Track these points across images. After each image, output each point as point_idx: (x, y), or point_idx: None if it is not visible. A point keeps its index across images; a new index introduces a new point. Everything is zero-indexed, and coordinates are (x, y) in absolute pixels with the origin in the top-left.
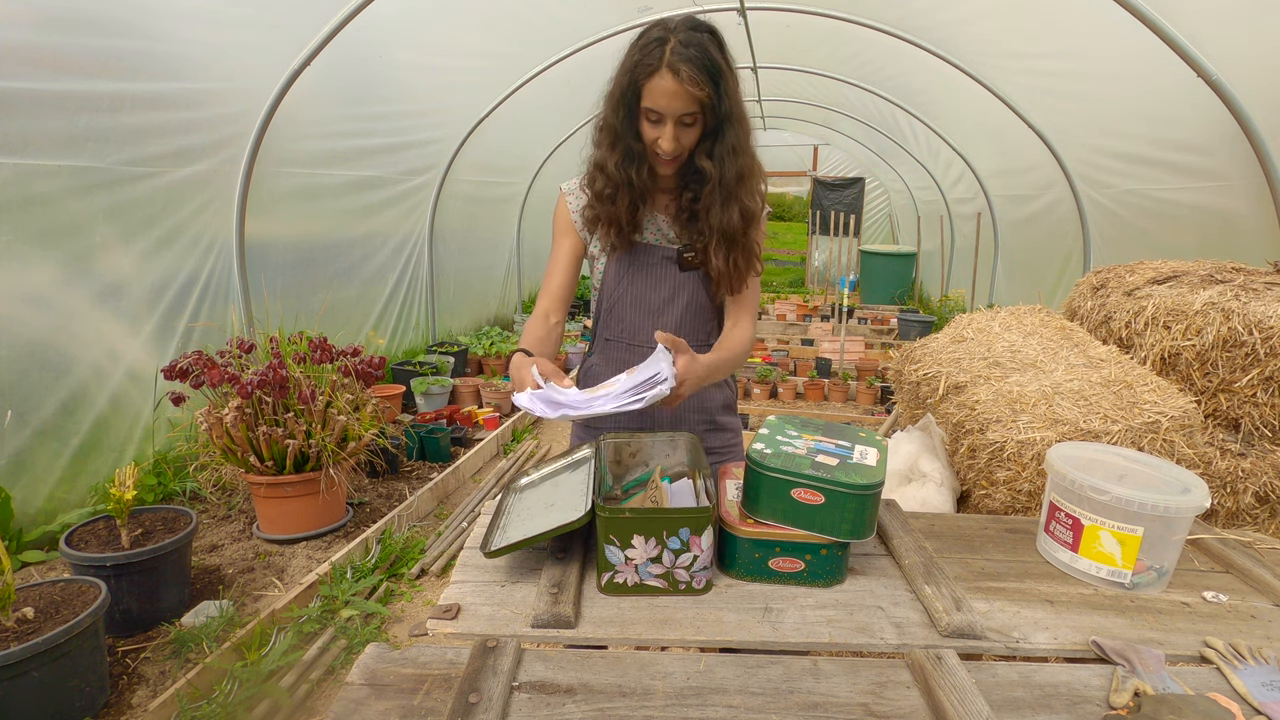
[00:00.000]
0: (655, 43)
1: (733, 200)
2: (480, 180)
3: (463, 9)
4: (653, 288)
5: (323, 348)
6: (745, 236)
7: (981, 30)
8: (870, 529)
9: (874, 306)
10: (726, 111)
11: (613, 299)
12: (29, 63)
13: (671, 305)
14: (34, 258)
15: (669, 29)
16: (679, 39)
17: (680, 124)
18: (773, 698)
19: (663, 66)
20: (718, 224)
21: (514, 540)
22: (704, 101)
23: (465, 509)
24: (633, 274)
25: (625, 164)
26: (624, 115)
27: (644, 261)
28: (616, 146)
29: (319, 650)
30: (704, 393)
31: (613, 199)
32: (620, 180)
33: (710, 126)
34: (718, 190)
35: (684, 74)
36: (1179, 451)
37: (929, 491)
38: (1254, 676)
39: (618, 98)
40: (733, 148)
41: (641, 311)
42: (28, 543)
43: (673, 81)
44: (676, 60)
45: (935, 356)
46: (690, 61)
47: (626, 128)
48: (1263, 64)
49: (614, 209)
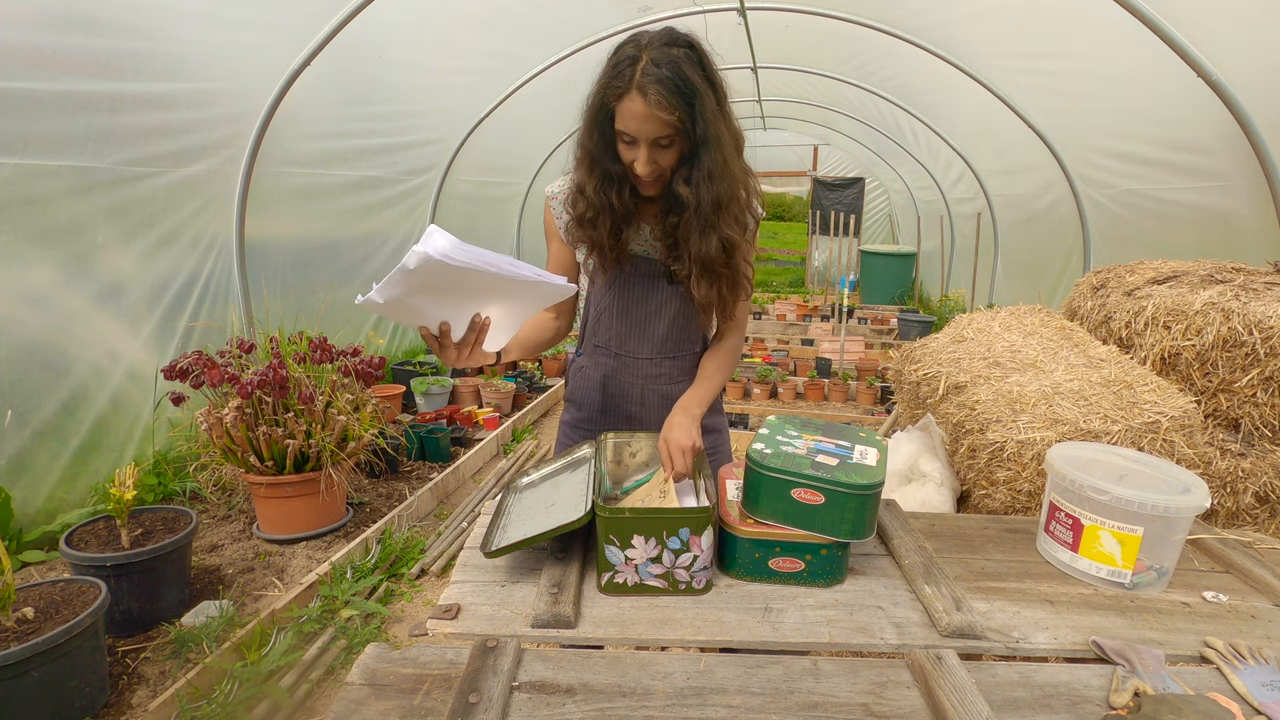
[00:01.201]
0: (627, 61)
1: (711, 230)
2: (480, 180)
3: (463, 9)
4: (640, 300)
5: (323, 348)
6: (728, 267)
7: (981, 30)
8: (870, 529)
9: (874, 306)
10: (703, 135)
11: (600, 307)
12: (29, 63)
13: (659, 317)
14: (34, 258)
15: (641, 45)
16: (651, 56)
17: (656, 145)
18: (773, 698)
19: (632, 88)
20: (696, 254)
21: (514, 540)
22: (676, 125)
23: (465, 509)
24: (620, 284)
25: (604, 188)
26: (598, 137)
27: (632, 272)
28: (594, 170)
29: (319, 650)
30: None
31: (594, 223)
32: (600, 205)
33: (687, 150)
34: (695, 219)
35: (652, 97)
36: (1179, 451)
37: (929, 491)
38: (1254, 676)
39: (591, 119)
40: (709, 173)
41: (628, 321)
42: (28, 543)
43: (641, 104)
44: (646, 81)
45: (935, 356)
46: (660, 82)
47: (603, 150)
48: (1263, 64)
49: (595, 233)
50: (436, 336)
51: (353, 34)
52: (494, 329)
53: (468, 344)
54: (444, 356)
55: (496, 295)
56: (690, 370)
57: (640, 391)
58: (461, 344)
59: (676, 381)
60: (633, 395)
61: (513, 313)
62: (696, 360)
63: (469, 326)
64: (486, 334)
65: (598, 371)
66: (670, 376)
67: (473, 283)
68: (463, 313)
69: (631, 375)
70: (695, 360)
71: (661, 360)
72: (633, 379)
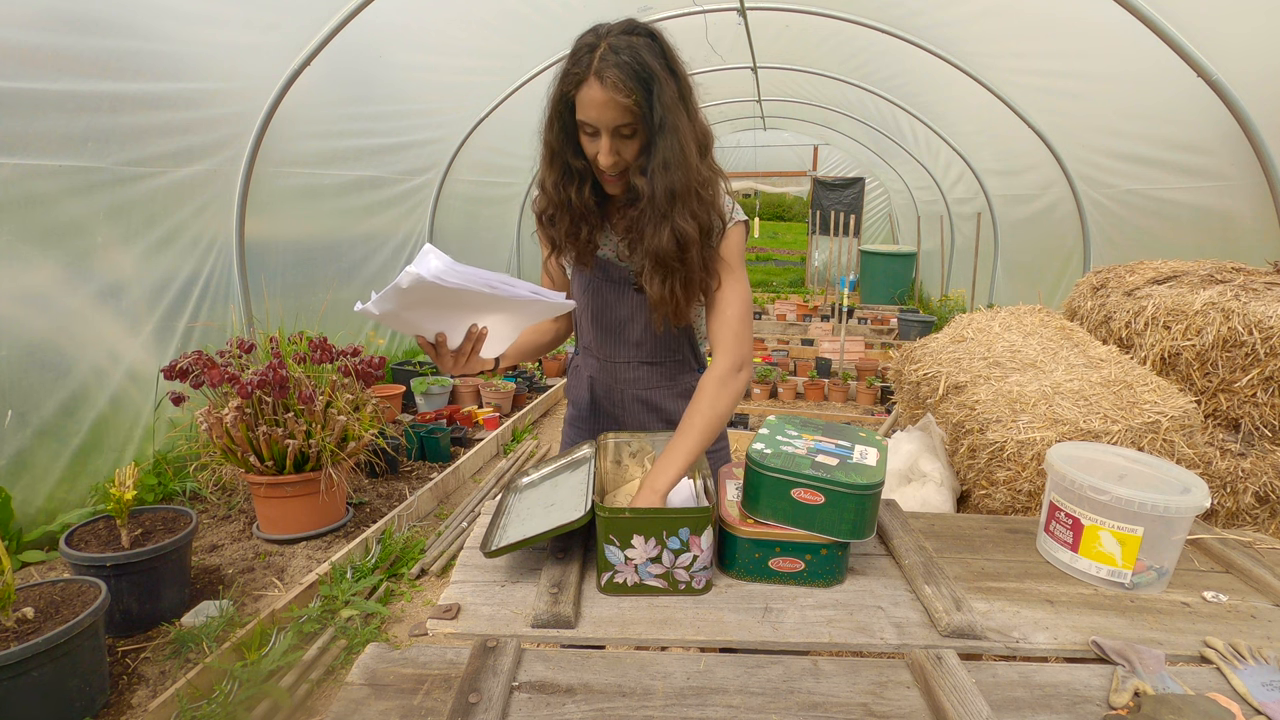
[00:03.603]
0: (585, 49)
1: (664, 221)
2: (480, 180)
3: (462, 9)
4: (611, 306)
5: (323, 348)
6: (681, 262)
7: (981, 30)
8: (870, 529)
9: (874, 306)
10: (660, 121)
11: (578, 312)
12: (29, 63)
13: (632, 324)
14: (34, 258)
15: (600, 34)
16: (609, 43)
17: (618, 136)
18: (773, 698)
19: (589, 74)
20: (649, 246)
21: (514, 540)
22: (633, 110)
23: (465, 509)
24: (593, 290)
25: (564, 183)
26: (559, 130)
27: (603, 278)
28: (554, 164)
29: (319, 650)
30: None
31: (552, 220)
32: (558, 201)
33: (645, 141)
34: (649, 209)
35: (609, 79)
36: (1179, 451)
37: (929, 491)
38: (1254, 676)
39: (553, 112)
40: (665, 161)
41: (601, 327)
42: (28, 543)
43: (599, 90)
44: (603, 66)
45: (935, 356)
46: (618, 66)
47: (563, 143)
48: (1263, 64)
49: (555, 231)
50: (433, 345)
51: (352, 34)
52: (491, 338)
53: (464, 353)
54: (441, 364)
55: (493, 308)
56: (671, 377)
57: (620, 395)
58: (458, 353)
59: (654, 387)
60: (614, 398)
61: (510, 323)
62: (679, 368)
63: (465, 336)
64: (484, 343)
65: (586, 372)
66: (647, 382)
67: (468, 299)
68: (459, 324)
69: (611, 379)
70: (678, 368)
71: (639, 365)
72: (613, 382)
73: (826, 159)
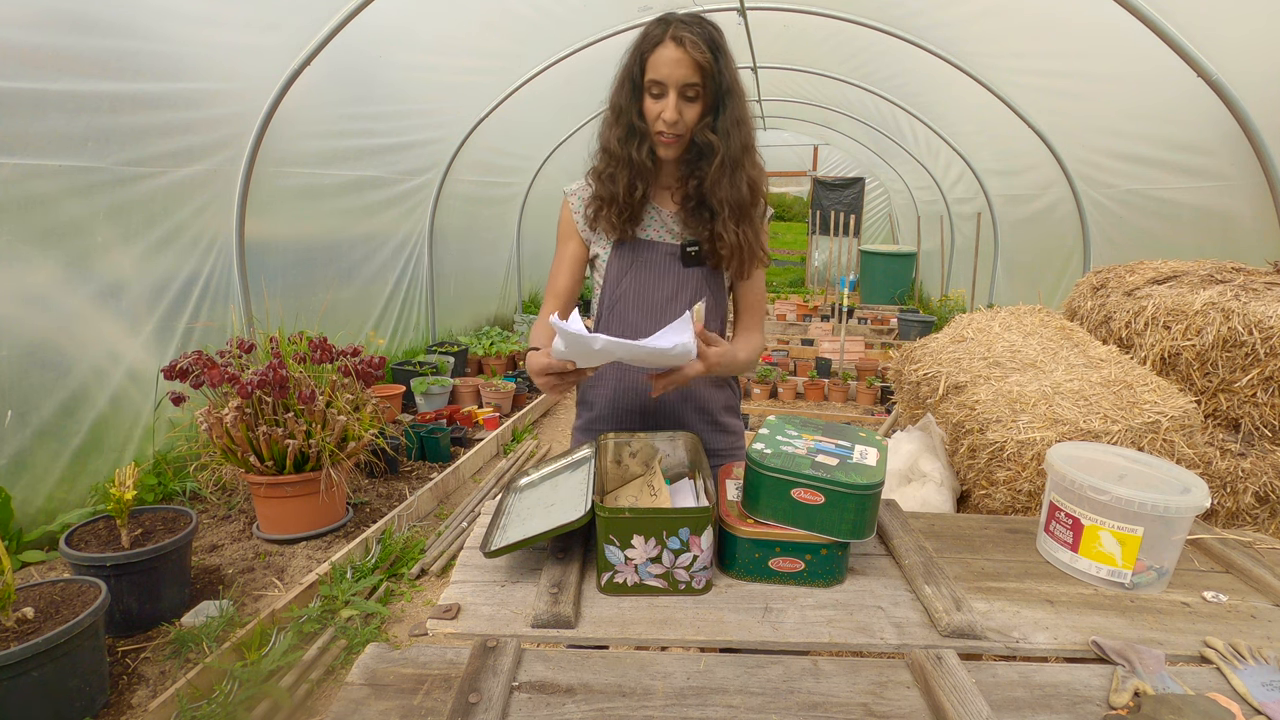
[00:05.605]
0: (658, 23)
1: (740, 170)
2: (480, 180)
3: (462, 9)
4: (655, 284)
5: (323, 348)
6: (753, 208)
7: (981, 30)
8: (870, 529)
9: (874, 306)
10: (729, 85)
11: (615, 296)
12: (29, 63)
13: (675, 303)
14: (34, 258)
15: (668, 21)
16: (681, 19)
17: (683, 97)
18: (773, 698)
19: (667, 37)
20: (727, 197)
21: (514, 540)
22: (706, 68)
23: (465, 509)
24: (635, 270)
25: (627, 140)
26: (628, 92)
27: (647, 258)
28: (620, 121)
29: (319, 650)
30: (706, 392)
31: (612, 178)
32: (621, 156)
33: (711, 102)
34: (725, 163)
35: (686, 40)
36: (1179, 451)
37: (929, 491)
38: (1254, 676)
39: (623, 77)
40: (736, 120)
41: (643, 309)
42: (28, 543)
43: (675, 49)
44: (680, 30)
45: (935, 356)
46: (693, 31)
47: (630, 103)
48: (1263, 64)
49: (614, 187)
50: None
51: (352, 34)
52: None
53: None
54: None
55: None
56: None
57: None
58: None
59: None
60: (643, 388)
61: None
62: None
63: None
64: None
65: (610, 368)
66: None
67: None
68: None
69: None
70: None
71: None
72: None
73: (826, 159)
